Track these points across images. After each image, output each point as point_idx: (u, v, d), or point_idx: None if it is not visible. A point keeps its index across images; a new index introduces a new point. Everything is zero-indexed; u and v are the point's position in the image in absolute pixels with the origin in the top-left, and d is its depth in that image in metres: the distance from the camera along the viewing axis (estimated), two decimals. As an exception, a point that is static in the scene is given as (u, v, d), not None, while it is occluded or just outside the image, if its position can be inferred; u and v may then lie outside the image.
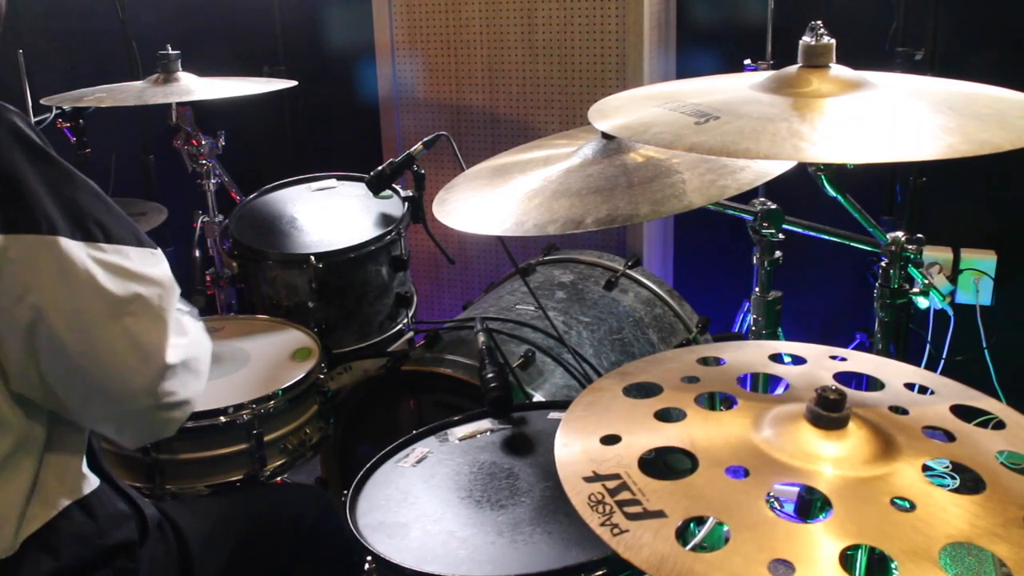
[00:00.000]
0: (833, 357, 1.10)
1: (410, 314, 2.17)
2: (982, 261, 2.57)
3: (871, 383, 1.05)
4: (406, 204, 2.12)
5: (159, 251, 1.09)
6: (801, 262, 1.98)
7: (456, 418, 1.47)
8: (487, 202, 1.47)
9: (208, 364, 1.15)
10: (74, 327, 0.99)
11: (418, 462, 1.36)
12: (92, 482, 1.14)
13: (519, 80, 2.61)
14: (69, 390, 1.03)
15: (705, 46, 2.78)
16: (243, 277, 2.08)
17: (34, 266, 0.97)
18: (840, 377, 1.03)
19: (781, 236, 1.50)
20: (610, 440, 0.93)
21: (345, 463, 1.93)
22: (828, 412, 0.88)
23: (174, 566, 1.25)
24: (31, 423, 1.05)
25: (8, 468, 1.04)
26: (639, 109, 1.23)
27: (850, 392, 0.92)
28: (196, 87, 2.23)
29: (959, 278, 2.57)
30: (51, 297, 0.97)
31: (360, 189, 2.15)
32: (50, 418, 1.08)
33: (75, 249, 0.99)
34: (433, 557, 1.13)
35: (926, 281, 1.33)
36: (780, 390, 1.03)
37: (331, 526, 1.45)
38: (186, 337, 1.09)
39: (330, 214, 2.18)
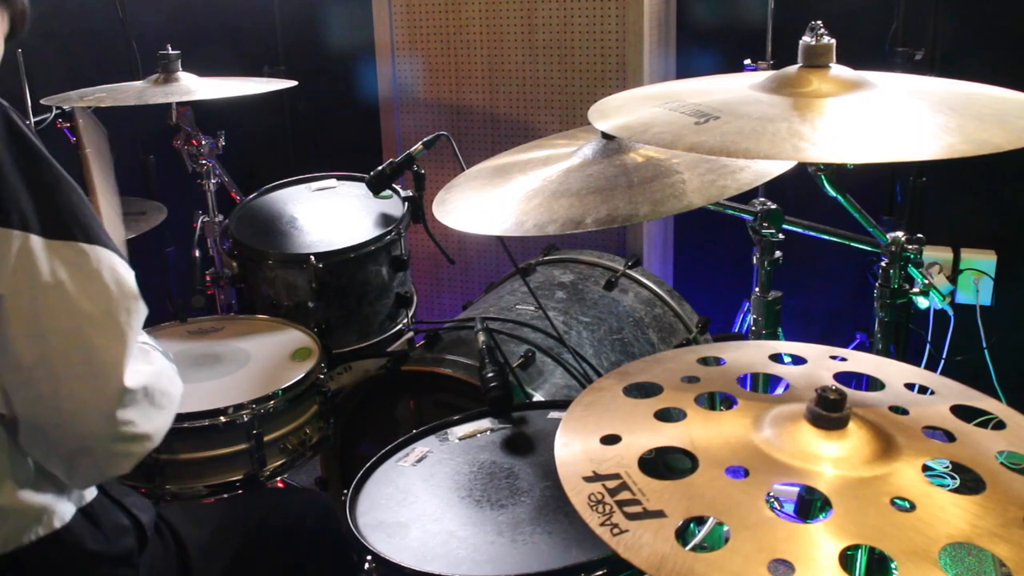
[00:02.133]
0: (833, 357, 1.09)
1: (410, 314, 2.17)
2: (982, 261, 2.56)
3: (871, 383, 1.05)
4: (406, 204, 2.12)
5: (132, 273, 1.03)
6: (801, 262, 1.97)
7: (456, 418, 1.47)
8: (487, 202, 1.47)
9: (176, 402, 1.07)
10: (30, 332, 0.93)
11: (418, 461, 1.36)
12: (89, 493, 1.13)
13: (519, 80, 2.61)
14: (23, 404, 0.96)
15: (705, 46, 2.78)
16: (243, 277, 2.08)
17: (1, 258, 0.92)
18: (840, 377, 1.03)
19: (781, 236, 1.50)
20: (610, 440, 0.93)
21: (345, 463, 1.93)
22: (828, 412, 0.88)
23: (173, 571, 1.24)
24: None
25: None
26: (639, 109, 1.23)
27: (850, 392, 0.91)
28: (196, 87, 2.23)
29: (959, 278, 2.57)
30: (12, 293, 0.92)
31: (360, 189, 2.15)
32: None
33: (46, 249, 0.94)
34: (433, 557, 1.12)
35: (926, 281, 1.33)
36: (780, 390, 1.03)
37: (330, 532, 1.45)
38: (151, 367, 1.03)
39: (330, 214, 2.18)
